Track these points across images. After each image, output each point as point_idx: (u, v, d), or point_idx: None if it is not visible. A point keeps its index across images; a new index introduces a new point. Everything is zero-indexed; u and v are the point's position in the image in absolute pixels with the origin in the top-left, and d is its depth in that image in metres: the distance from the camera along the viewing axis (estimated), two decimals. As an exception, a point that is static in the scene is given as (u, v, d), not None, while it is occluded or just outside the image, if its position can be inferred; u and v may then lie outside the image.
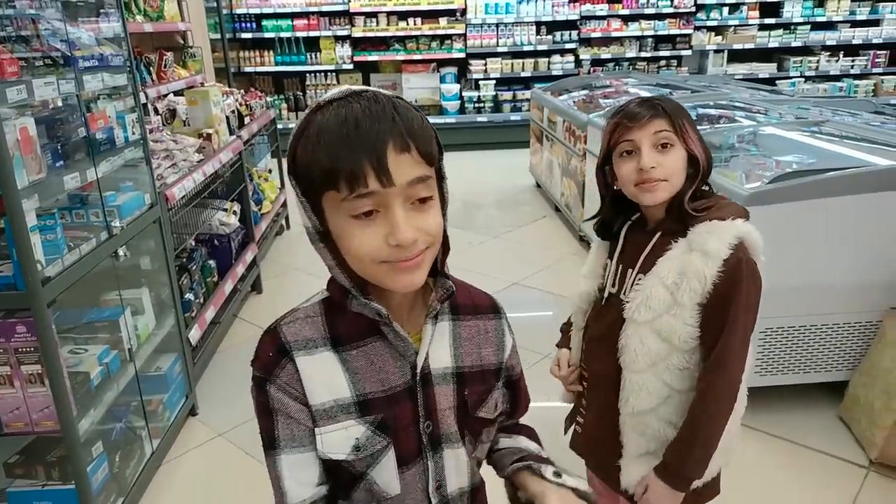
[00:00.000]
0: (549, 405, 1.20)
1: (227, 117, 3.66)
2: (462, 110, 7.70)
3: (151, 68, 3.82)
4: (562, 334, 1.57)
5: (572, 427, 1.51)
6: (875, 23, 7.65)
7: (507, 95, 7.69)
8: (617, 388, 1.32)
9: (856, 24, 7.69)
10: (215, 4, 6.26)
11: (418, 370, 0.86)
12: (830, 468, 2.30)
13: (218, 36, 6.21)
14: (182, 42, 4.55)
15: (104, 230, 2.10)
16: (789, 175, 2.49)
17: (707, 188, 1.31)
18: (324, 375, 0.84)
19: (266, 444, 0.86)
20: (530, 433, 1.08)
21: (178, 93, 3.87)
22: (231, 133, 3.64)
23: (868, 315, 2.48)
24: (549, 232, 4.96)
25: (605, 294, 1.37)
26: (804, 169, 2.64)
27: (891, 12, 7.61)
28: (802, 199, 2.35)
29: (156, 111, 3.55)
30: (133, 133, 2.34)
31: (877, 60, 7.78)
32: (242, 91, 4.78)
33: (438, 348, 0.89)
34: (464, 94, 7.67)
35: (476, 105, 7.69)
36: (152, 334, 2.45)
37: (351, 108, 0.75)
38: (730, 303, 1.20)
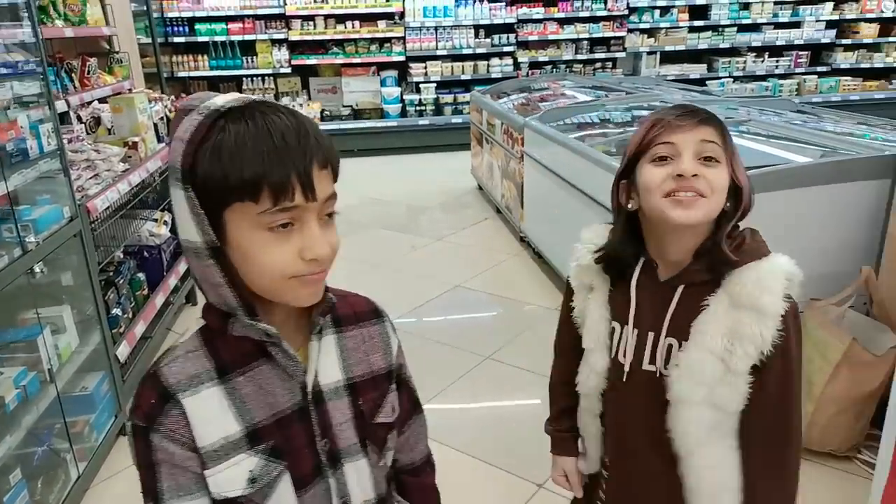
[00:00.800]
0: (496, 405, 1.15)
1: (156, 124, 3.55)
2: (403, 113, 7.69)
3: (74, 75, 3.66)
4: (552, 434, 1.35)
5: None
6: (797, 24, 8.00)
7: (448, 98, 7.72)
8: (672, 487, 1.12)
9: (779, 25, 8.02)
10: (145, 8, 6.08)
11: (309, 389, 0.85)
12: (759, 456, 2.38)
13: (149, 40, 6.03)
14: (108, 47, 4.38)
15: (17, 246, 2.00)
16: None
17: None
18: (211, 414, 0.80)
19: (148, 496, 0.81)
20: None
21: (103, 100, 3.72)
22: (160, 141, 3.53)
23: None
24: (491, 234, 4.99)
25: (626, 368, 1.13)
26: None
27: (810, 15, 7.97)
28: (726, 197, 2.43)
29: (79, 119, 3.41)
30: (49, 143, 2.24)
31: (799, 61, 8.13)
32: (173, 97, 4.65)
33: (327, 364, 0.88)
34: (405, 97, 7.66)
35: (417, 108, 7.68)
36: (75, 353, 2.35)
37: (272, 120, 0.74)
38: (791, 362, 1.03)
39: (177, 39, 7.31)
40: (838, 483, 2.23)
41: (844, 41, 8.07)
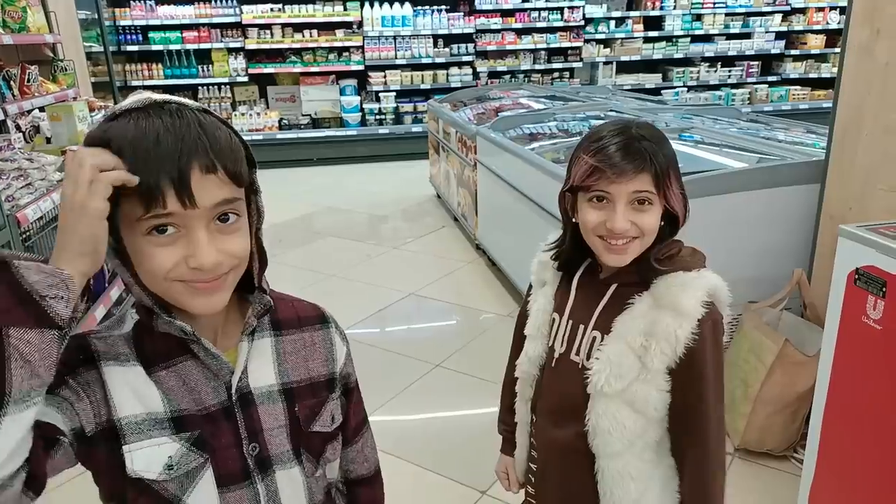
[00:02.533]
0: (445, 415, 1.12)
1: (99, 133, 3.47)
2: (363, 122, 7.67)
3: (13, 83, 3.58)
4: (500, 430, 1.39)
5: None
6: (747, 35, 8.22)
7: (408, 107, 7.72)
8: (587, 476, 1.15)
9: (730, 36, 8.23)
10: (96, 16, 5.98)
11: (233, 390, 0.82)
12: (699, 457, 2.41)
13: (101, 48, 5.93)
14: (52, 55, 4.29)
15: (-62, 257, 1.93)
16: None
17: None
18: (135, 387, 0.78)
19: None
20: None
21: (45, 108, 3.63)
22: (103, 150, 3.46)
23: (730, 309, 2.62)
24: (447, 242, 5.00)
25: (556, 355, 1.19)
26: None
27: (760, 26, 8.19)
28: (664, 202, 2.47)
29: (18, 128, 3.33)
30: (-25, 152, 2.18)
31: (751, 71, 8.35)
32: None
33: (260, 366, 0.86)
34: (364, 106, 7.64)
35: (377, 117, 7.67)
36: (4, 367, 2.27)
37: (152, 121, 0.71)
38: (704, 366, 1.07)
39: (130, 48, 7.19)
40: (775, 482, 2.27)
41: (793, 52, 8.32)
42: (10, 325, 0.64)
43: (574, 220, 1.14)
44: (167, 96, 0.75)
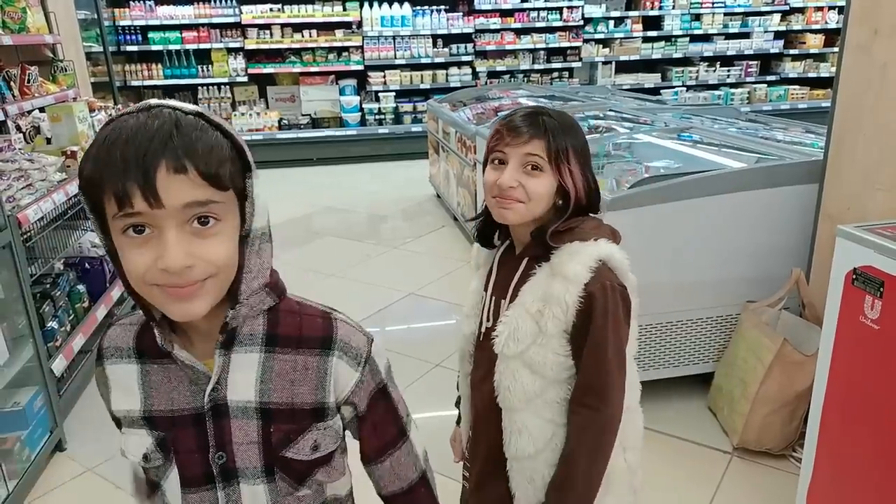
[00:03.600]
0: (443, 414, 1.14)
1: (99, 134, 3.47)
2: (363, 122, 7.67)
3: (13, 83, 3.58)
4: (456, 405, 1.47)
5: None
6: (746, 35, 8.22)
7: (408, 107, 7.73)
8: (500, 431, 1.23)
9: (729, 36, 8.23)
10: (96, 16, 5.97)
11: (205, 400, 0.83)
12: (698, 456, 2.42)
13: (100, 49, 5.93)
14: (51, 55, 4.29)
15: (-61, 258, 1.94)
16: (652, 179, 2.63)
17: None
18: (125, 385, 0.87)
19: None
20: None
21: (45, 109, 3.63)
22: (103, 150, 3.46)
23: (729, 309, 2.64)
24: (447, 241, 5.00)
25: (483, 329, 1.28)
26: (668, 173, 2.79)
27: (759, 26, 8.20)
28: (663, 202, 2.48)
29: (18, 129, 3.33)
30: (-25, 152, 2.18)
31: (749, 70, 8.35)
32: (119, 106, 4.56)
33: (240, 380, 0.84)
34: (364, 106, 7.65)
35: (377, 117, 7.68)
36: (5, 367, 2.28)
37: (129, 122, 0.72)
38: (595, 329, 1.12)
39: (130, 48, 7.19)
40: (773, 481, 2.28)
41: (792, 51, 8.32)
42: None
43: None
44: (165, 101, 0.76)
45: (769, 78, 8.39)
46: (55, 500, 2.33)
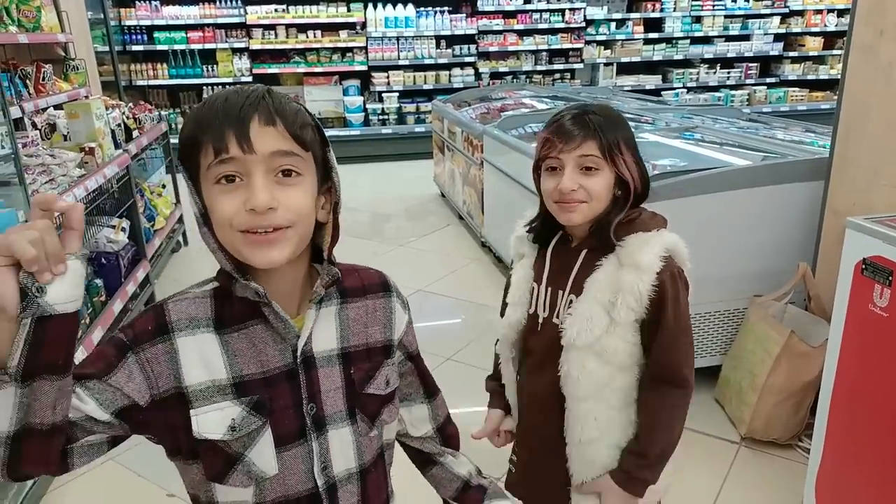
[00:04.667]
0: (453, 403, 1.19)
1: (113, 131, 3.53)
2: (366, 122, 7.73)
3: (28, 81, 3.62)
4: (490, 392, 1.50)
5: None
6: (746, 37, 8.30)
7: (411, 107, 7.79)
8: (560, 418, 1.28)
9: (729, 38, 8.32)
10: (102, 16, 6.02)
11: (298, 353, 0.89)
12: (707, 446, 2.48)
13: (106, 48, 5.96)
14: (63, 54, 4.34)
15: (-29, 249, 1.98)
16: (660, 177, 2.68)
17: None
18: (203, 356, 0.86)
19: (81, 370, 0.81)
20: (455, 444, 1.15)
21: (59, 106, 3.68)
22: (117, 147, 3.51)
23: (736, 303, 2.70)
24: (452, 239, 5.06)
25: (540, 320, 1.32)
26: (677, 170, 2.85)
27: (759, 28, 8.28)
28: (674, 198, 2.53)
29: (34, 126, 3.38)
30: (3, 148, 2.23)
31: (749, 72, 8.44)
32: (131, 104, 4.61)
33: (323, 331, 0.92)
34: (368, 106, 7.71)
35: (380, 117, 7.74)
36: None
37: (225, 91, 0.83)
38: (668, 315, 1.18)
39: (135, 48, 7.24)
40: (781, 470, 2.33)
41: (791, 53, 8.41)
42: None
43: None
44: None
45: (769, 80, 8.47)
46: (78, 489, 2.38)
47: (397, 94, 7.74)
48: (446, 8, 7.65)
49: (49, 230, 0.66)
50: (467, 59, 7.80)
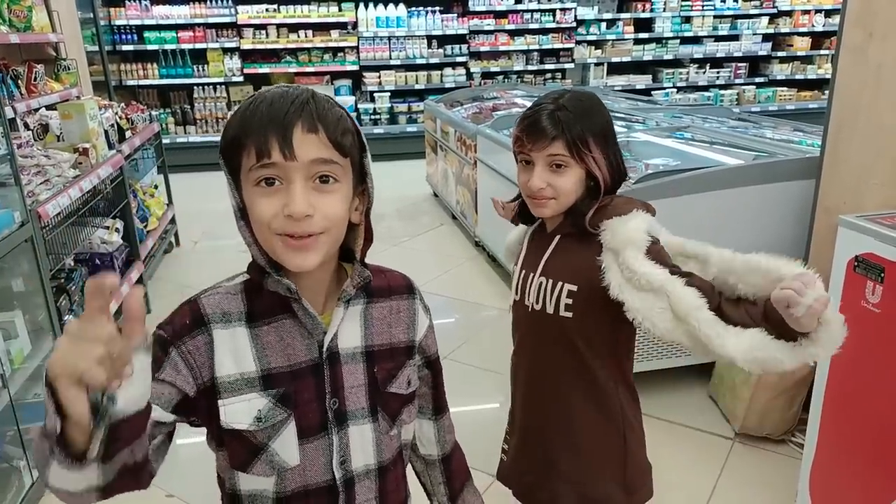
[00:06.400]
0: (452, 404, 1.20)
1: (107, 131, 3.51)
2: (358, 122, 7.68)
3: (20, 81, 3.61)
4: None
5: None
6: (735, 38, 8.37)
7: (403, 107, 7.80)
8: (538, 397, 1.36)
9: (719, 38, 8.38)
10: (91, 16, 5.98)
11: (324, 348, 0.91)
12: (701, 442, 2.51)
13: (96, 48, 5.93)
14: (55, 54, 4.32)
15: (-32, 251, 1.98)
16: (652, 176, 2.71)
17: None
18: (234, 349, 0.89)
19: None
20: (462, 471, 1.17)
21: (51, 107, 3.67)
22: (111, 147, 3.50)
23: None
24: (446, 239, 5.08)
25: (510, 302, 1.40)
26: (667, 170, 2.88)
27: (748, 28, 8.35)
28: (666, 197, 2.56)
29: (26, 126, 3.36)
30: (-2, 148, 2.23)
31: (738, 72, 8.51)
32: (123, 104, 4.59)
33: (348, 329, 0.94)
34: (359, 106, 7.70)
35: (372, 117, 7.74)
36: (28, 358, 2.32)
37: (270, 92, 0.84)
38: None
39: (125, 47, 7.21)
40: (773, 465, 2.37)
41: (780, 53, 8.49)
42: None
43: None
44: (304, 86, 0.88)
45: (757, 80, 8.54)
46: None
47: (389, 93, 7.75)
48: (437, 8, 7.67)
49: (113, 339, 0.62)
50: (459, 59, 7.82)
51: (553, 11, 7.83)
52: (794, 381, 2.38)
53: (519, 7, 7.79)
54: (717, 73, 8.45)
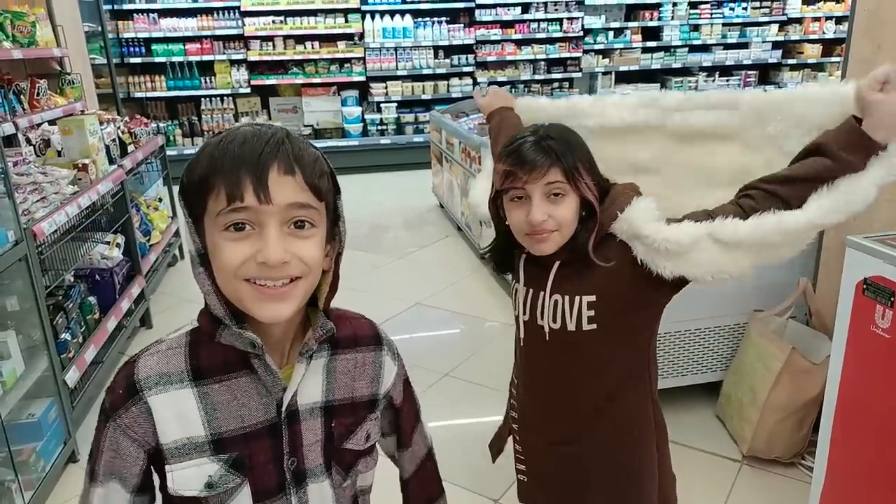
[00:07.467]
0: (453, 422, 1.16)
1: (108, 146, 3.51)
2: (365, 133, 7.72)
3: (23, 96, 3.61)
4: None
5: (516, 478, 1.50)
6: (745, 45, 8.29)
7: (410, 118, 7.78)
8: (541, 408, 1.37)
9: (728, 46, 8.30)
10: (100, 29, 6.02)
11: (284, 408, 0.85)
12: (708, 464, 2.44)
13: (104, 61, 5.96)
14: (59, 68, 4.32)
15: (-41, 271, 1.96)
16: (659, 190, 2.66)
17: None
18: (178, 413, 0.82)
19: (87, 473, 0.85)
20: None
21: (53, 122, 3.67)
22: (112, 162, 3.49)
23: (737, 318, 2.66)
24: (451, 251, 5.03)
25: (520, 320, 1.35)
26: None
27: (757, 36, 8.27)
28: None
29: (28, 141, 3.36)
30: (-8, 166, 2.21)
31: (748, 80, 8.42)
32: (126, 118, 4.59)
33: (310, 383, 0.88)
34: (366, 116, 7.70)
35: (379, 128, 7.73)
36: (21, 379, 2.29)
37: (243, 130, 0.78)
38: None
39: (133, 60, 7.24)
40: (782, 489, 2.30)
41: (790, 61, 8.40)
42: None
43: (507, 221, 1.26)
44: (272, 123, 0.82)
45: (768, 87, 8.43)
46: (75, 502, 2.34)
47: (395, 104, 7.73)
48: (444, 18, 7.65)
49: None
50: (465, 69, 7.79)
51: (560, 21, 7.79)
52: (803, 402, 2.30)
53: (526, 17, 7.76)
54: (727, 81, 8.37)
